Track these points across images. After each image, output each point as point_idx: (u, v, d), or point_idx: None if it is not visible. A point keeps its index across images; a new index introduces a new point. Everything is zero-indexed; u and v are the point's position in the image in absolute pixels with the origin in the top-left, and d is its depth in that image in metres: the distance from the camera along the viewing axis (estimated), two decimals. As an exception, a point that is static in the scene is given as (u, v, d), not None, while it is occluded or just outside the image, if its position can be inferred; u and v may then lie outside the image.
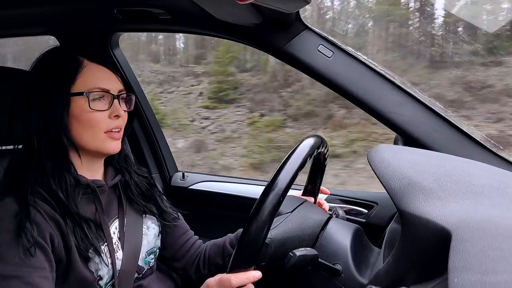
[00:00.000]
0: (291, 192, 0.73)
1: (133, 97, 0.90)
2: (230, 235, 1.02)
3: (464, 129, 0.89)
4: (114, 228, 0.86)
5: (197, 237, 1.06)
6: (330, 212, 0.92)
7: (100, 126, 0.81)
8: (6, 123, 0.91)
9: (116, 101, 0.83)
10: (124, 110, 0.86)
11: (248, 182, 1.52)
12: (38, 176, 0.77)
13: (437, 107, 0.92)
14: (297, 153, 0.71)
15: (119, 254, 0.84)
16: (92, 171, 0.86)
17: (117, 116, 0.83)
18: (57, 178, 0.78)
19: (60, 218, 0.76)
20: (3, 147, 0.91)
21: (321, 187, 1.02)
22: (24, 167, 0.79)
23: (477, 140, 0.88)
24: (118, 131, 0.84)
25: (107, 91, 0.82)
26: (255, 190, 1.42)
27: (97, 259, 0.78)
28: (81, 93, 0.79)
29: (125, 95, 0.87)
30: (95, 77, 0.81)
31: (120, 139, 0.86)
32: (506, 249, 0.34)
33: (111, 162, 0.92)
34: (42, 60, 0.85)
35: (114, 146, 0.84)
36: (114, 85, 0.84)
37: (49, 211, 0.75)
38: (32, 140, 0.79)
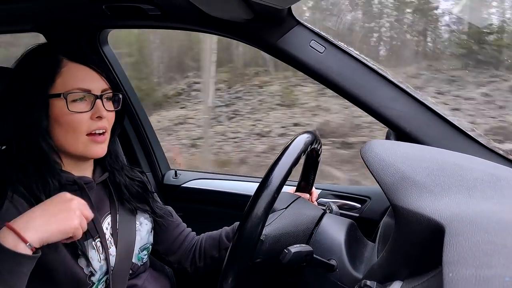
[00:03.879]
0: (284, 189, 0.73)
1: (120, 96, 0.87)
2: (226, 228, 1.02)
3: (456, 123, 0.89)
4: (106, 224, 0.85)
5: (190, 229, 1.06)
6: (324, 208, 0.92)
7: (81, 128, 0.78)
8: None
9: (98, 101, 0.80)
10: (109, 110, 0.83)
11: (241, 179, 1.51)
12: (21, 176, 0.76)
13: (429, 101, 0.93)
14: (291, 150, 0.71)
15: (112, 250, 0.83)
16: (80, 170, 0.85)
17: (100, 117, 0.80)
18: (40, 182, 0.76)
19: None
20: None
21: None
22: (8, 167, 0.77)
23: (469, 134, 0.88)
24: (103, 134, 0.81)
25: (88, 91, 0.79)
26: (249, 187, 1.41)
27: (88, 254, 0.77)
28: (59, 95, 0.77)
29: (111, 94, 0.84)
30: (75, 77, 0.78)
31: (105, 142, 0.83)
32: (499, 243, 0.34)
33: (100, 162, 0.91)
34: (23, 59, 0.83)
35: (98, 150, 0.81)
36: (97, 84, 0.80)
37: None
38: (13, 142, 0.78)
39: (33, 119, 0.77)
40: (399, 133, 0.92)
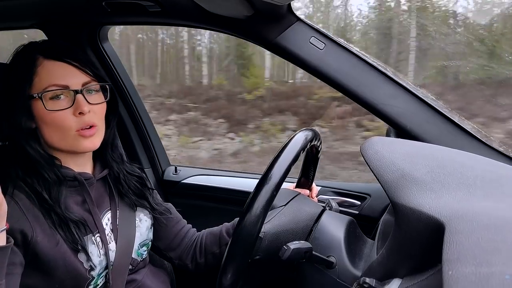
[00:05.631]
0: (284, 185, 0.73)
1: (107, 86, 0.84)
2: (227, 224, 1.02)
3: (456, 120, 0.89)
4: (106, 219, 0.86)
5: (190, 225, 1.06)
6: (323, 205, 0.92)
7: (67, 125, 0.76)
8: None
9: (79, 96, 0.77)
10: (95, 103, 0.79)
11: (241, 175, 1.51)
12: (21, 173, 0.76)
13: (429, 98, 0.93)
14: (290, 147, 0.71)
15: (112, 246, 0.83)
16: (80, 165, 0.85)
17: (81, 113, 0.77)
18: (40, 179, 0.77)
19: (40, 214, 0.74)
20: None
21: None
22: (8, 164, 0.77)
23: (469, 131, 0.88)
24: (90, 128, 0.79)
25: (66, 87, 0.76)
26: (248, 183, 1.41)
27: (88, 249, 0.78)
28: (35, 96, 0.75)
29: (95, 86, 0.81)
30: (50, 74, 0.76)
31: (95, 135, 0.80)
32: (500, 241, 0.34)
33: (101, 156, 0.91)
34: (11, 59, 0.82)
35: (87, 144, 0.79)
36: (76, 79, 0.78)
37: (28, 205, 0.74)
38: (9, 140, 0.78)
39: (15, 121, 0.76)
40: (399, 130, 0.92)
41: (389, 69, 0.95)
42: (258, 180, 0.68)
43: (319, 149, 0.90)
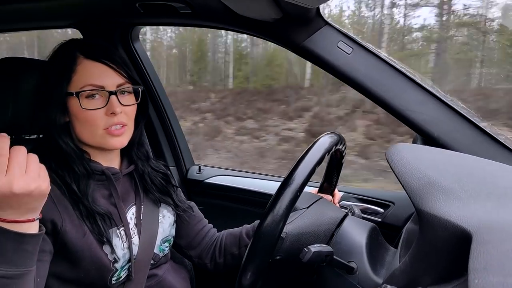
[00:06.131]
0: (307, 189, 0.73)
1: (140, 89, 0.87)
2: (247, 226, 1.03)
3: (487, 129, 0.86)
4: (131, 214, 0.88)
5: (211, 225, 1.08)
6: (346, 210, 0.91)
7: (97, 124, 0.80)
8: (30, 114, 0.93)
9: (113, 97, 0.80)
10: (127, 104, 0.82)
11: (264, 177, 1.52)
12: (53, 165, 0.79)
13: (459, 106, 0.90)
14: (315, 149, 0.71)
15: (135, 240, 0.86)
16: (108, 161, 0.88)
17: (114, 114, 0.80)
18: (71, 171, 0.80)
19: (69, 205, 0.77)
20: (28, 136, 0.93)
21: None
22: (42, 156, 0.81)
23: (500, 141, 0.85)
24: (121, 127, 0.82)
25: (102, 88, 0.80)
26: (271, 186, 1.42)
27: (113, 242, 0.80)
28: (72, 93, 0.79)
29: (129, 88, 0.84)
30: (88, 74, 0.79)
31: (123, 135, 0.83)
32: None
33: (127, 153, 0.93)
34: (51, 56, 0.85)
35: (115, 142, 0.82)
36: (111, 80, 0.81)
37: (59, 196, 0.77)
38: (44, 133, 0.81)
39: (50, 115, 0.80)
40: (427, 138, 0.90)
41: (417, 75, 0.94)
42: (280, 182, 0.69)
43: (343, 153, 0.90)
